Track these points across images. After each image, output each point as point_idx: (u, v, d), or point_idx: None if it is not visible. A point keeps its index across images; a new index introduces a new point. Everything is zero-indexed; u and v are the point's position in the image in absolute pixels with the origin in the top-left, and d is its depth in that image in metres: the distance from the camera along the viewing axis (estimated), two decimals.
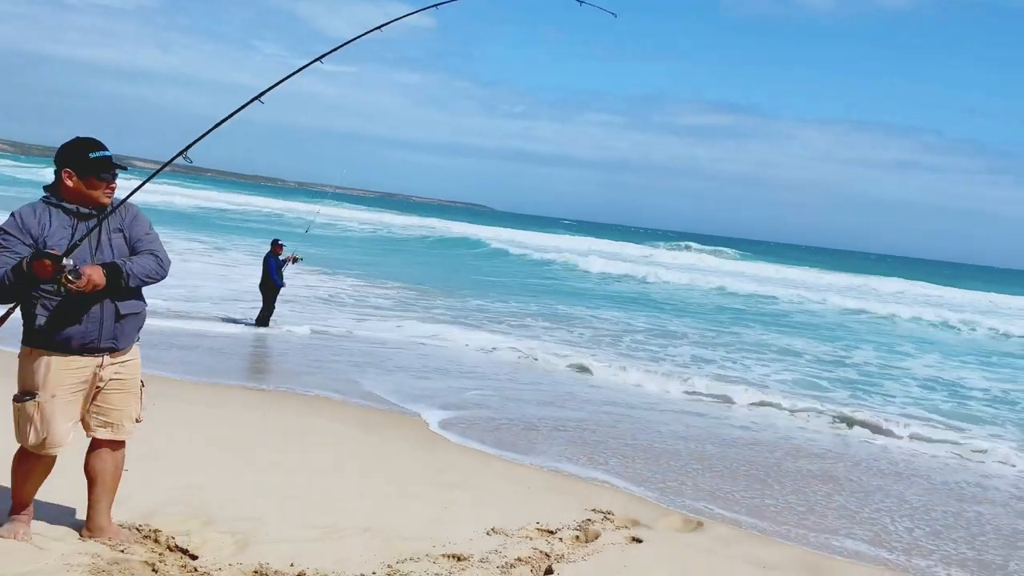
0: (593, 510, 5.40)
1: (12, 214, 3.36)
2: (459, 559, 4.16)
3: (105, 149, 3.39)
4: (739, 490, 6.50)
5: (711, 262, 47.78)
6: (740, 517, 5.82)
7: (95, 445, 3.64)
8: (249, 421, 6.76)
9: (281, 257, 12.77)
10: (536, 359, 11.43)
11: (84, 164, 3.34)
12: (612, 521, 5.23)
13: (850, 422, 9.30)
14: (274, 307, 12.44)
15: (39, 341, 3.33)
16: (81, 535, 3.68)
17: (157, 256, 3.50)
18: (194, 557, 3.71)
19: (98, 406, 3.53)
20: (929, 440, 8.85)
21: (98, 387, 3.48)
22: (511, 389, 9.53)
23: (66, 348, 3.34)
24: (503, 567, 4.13)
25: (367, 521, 4.55)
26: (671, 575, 4.39)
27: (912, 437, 8.91)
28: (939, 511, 6.61)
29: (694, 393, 10.20)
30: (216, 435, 6.12)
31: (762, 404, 9.91)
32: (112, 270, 3.30)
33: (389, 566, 3.92)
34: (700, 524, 5.47)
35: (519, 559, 4.26)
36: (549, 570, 4.19)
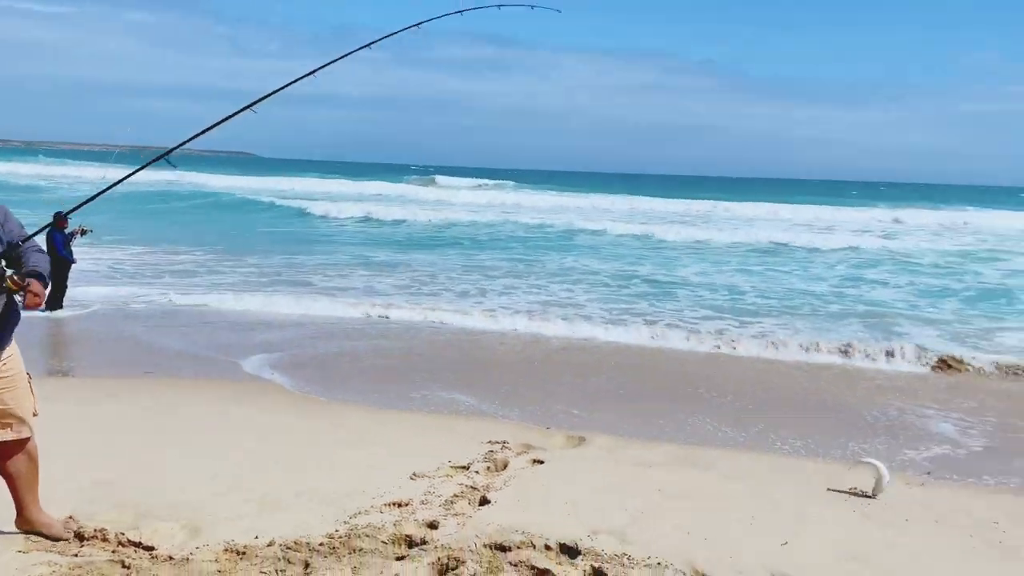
0: (489, 442, 5.83)
1: None
2: (401, 505, 4.41)
3: None
4: (588, 401, 7.26)
5: (491, 196, 48.91)
6: (597, 417, 6.54)
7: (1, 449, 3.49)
8: (116, 411, 6.36)
9: (67, 231, 11.60)
10: (388, 316, 11.44)
11: None
12: (511, 449, 5.70)
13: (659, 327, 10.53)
14: (66, 286, 11.35)
15: None
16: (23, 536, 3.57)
17: (44, 251, 3.41)
18: (150, 549, 3.64)
19: None
20: (724, 329, 10.27)
21: None
22: (356, 340, 9.63)
23: None
24: (445, 504, 4.44)
25: (296, 487, 4.63)
26: (584, 485, 4.92)
27: (707, 331, 10.29)
28: (751, 387, 7.85)
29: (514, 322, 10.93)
30: (94, 427, 5.76)
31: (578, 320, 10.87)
32: (41, 280, 3.23)
33: (345, 522, 4.08)
34: (583, 439, 6.09)
35: (455, 495, 4.58)
36: (484, 500, 4.57)
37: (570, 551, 3.68)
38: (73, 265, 11.53)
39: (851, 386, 8.25)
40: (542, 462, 5.43)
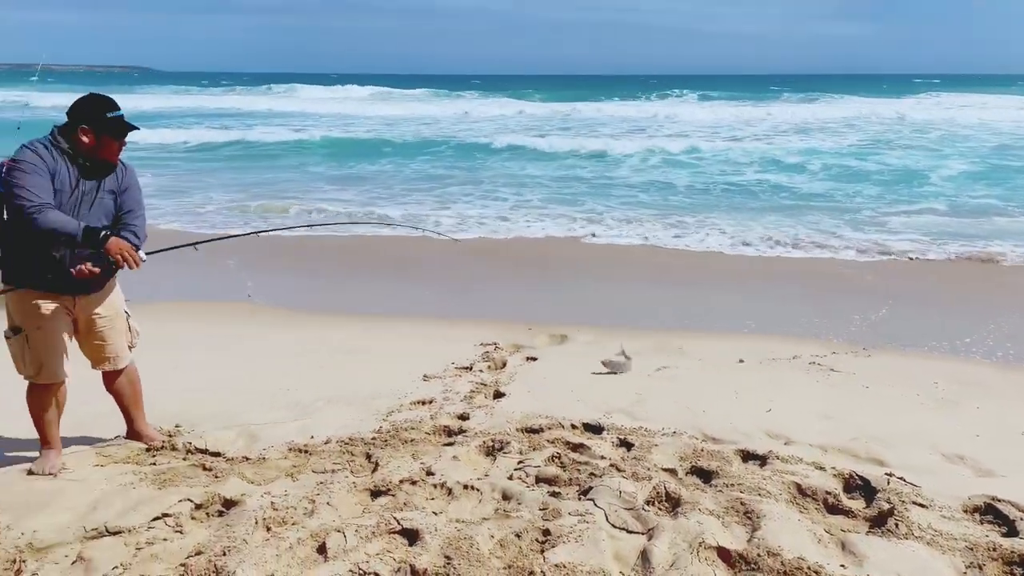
0: (482, 344, 6.29)
1: (29, 147, 3.44)
2: (426, 403, 4.84)
3: (119, 109, 3.57)
4: (564, 298, 7.77)
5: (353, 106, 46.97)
6: (575, 313, 7.08)
7: (105, 374, 3.98)
8: None
9: None
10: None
11: (101, 123, 3.50)
12: (504, 349, 6.17)
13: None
14: None
15: (15, 280, 3.56)
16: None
17: (137, 236, 3.62)
18: (217, 455, 3.98)
19: (92, 344, 3.83)
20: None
21: (84, 325, 3.75)
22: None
23: (39, 286, 3.56)
24: (465, 399, 4.90)
25: (319, 394, 5.00)
26: (581, 375, 5.44)
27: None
28: (712, 277, 8.53)
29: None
30: None
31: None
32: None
33: (385, 419, 4.51)
34: (565, 336, 6.61)
35: (471, 392, 5.05)
36: (499, 394, 5.04)
37: (593, 428, 4.20)
38: None
39: (793, 271, 9.01)
40: (535, 359, 5.93)
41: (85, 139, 3.49)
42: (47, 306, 3.58)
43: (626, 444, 3.91)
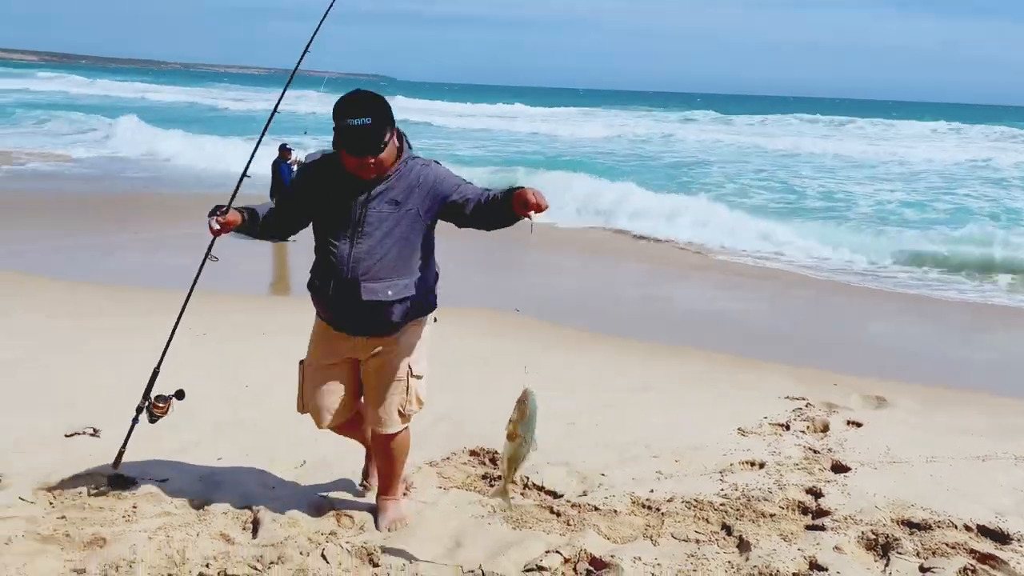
0: (788, 397, 5.66)
1: (314, 155, 3.14)
2: (757, 465, 4.31)
3: (362, 116, 2.75)
4: (864, 349, 6.94)
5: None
6: (887, 370, 6.23)
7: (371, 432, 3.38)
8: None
9: (289, 162, 12.14)
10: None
11: (337, 132, 2.82)
12: (815, 407, 5.51)
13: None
14: None
15: (317, 311, 3.23)
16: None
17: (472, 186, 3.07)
18: (553, 494, 3.73)
19: (366, 395, 3.25)
20: None
21: (363, 370, 3.20)
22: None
23: (330, 322, 3.15)
24: (801, 468, 4.31)
25: (626, 436, 4.62)
26: (923, 452, 4.64)
27: None
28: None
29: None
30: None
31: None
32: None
33: (721, 479, 4.06)
34: (882, 399, 5.82)
35: (805, 459, 4.45)
36: (840, 466, 4.39)
37: (995, 535, 3.49)
38: None
39: None
40: (859, 424, 5.22)
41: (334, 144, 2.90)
42: (330, 347, 3.16)
43: None
